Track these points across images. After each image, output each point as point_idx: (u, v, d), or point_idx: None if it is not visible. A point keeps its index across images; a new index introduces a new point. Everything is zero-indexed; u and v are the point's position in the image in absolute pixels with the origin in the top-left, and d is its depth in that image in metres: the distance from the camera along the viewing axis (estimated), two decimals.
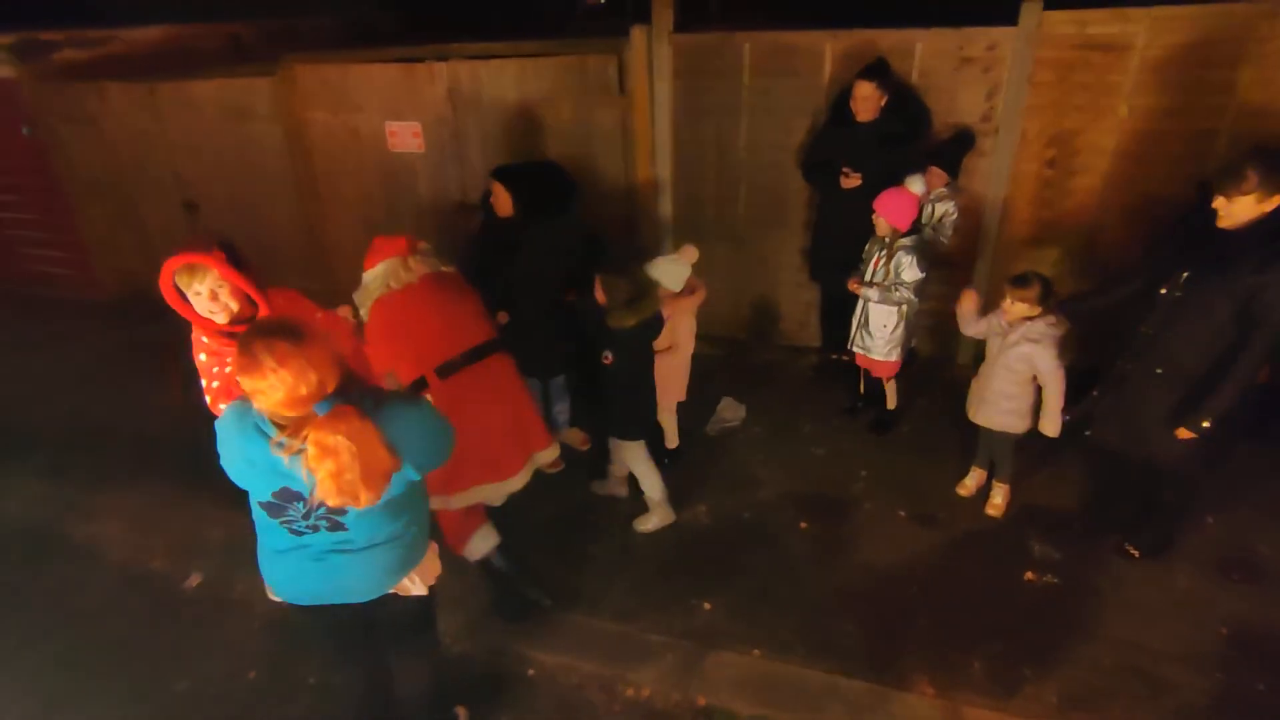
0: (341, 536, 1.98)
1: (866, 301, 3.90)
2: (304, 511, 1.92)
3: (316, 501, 1.82)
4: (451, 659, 3.00)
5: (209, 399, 2.45)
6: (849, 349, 4.12)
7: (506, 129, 4.88)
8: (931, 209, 4.13)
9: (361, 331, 2.97)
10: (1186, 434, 2.80)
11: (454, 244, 4.64)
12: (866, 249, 3.93)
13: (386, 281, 2.91)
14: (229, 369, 2.37)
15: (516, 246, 3.65)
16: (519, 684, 2.96)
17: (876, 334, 3.92)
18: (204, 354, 2.44)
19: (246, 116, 5.51)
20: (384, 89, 5.07)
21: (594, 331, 3.28)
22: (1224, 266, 2.61)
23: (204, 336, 2.41)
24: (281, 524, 1.96)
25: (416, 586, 2.23)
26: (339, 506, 1.83)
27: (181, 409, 3.85)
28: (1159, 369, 2.86)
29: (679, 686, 2.87)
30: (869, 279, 3.85)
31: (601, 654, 3.02)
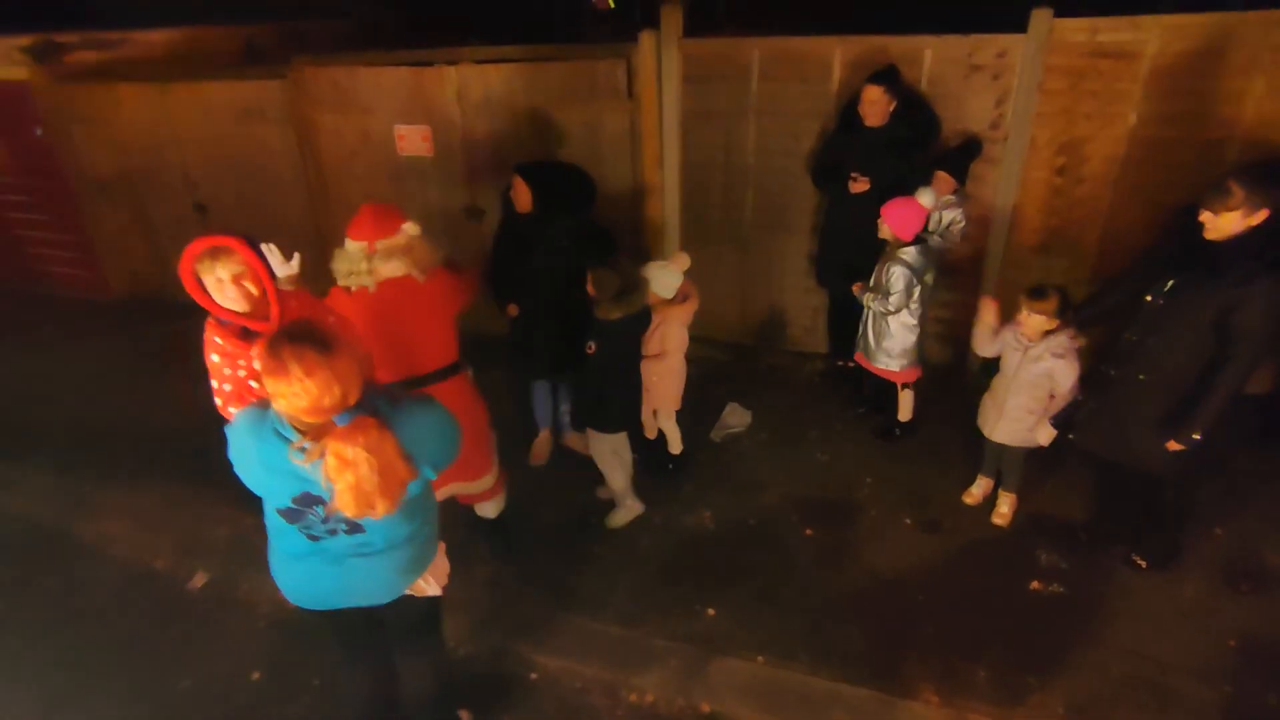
0: (361, 539, 1.99)
1: (869, 308, 3.91)
2: (324, 516, 1.92)
3: (334, 509, 1.83)
4: (455, 661, 2.99)
5: (219, 401, 2.41)
6: (854, 354, 4.12)
7: (515, 132, 4.89)
8: (939, 216, 4.13)
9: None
10: (1177, 446, 2.81)
11: (462, 247, 4.66)
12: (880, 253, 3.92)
13: (345, 276, 2.72)
14: (242, 372, 2.35)
15: (532, 243, 3.65)
16: (522, 687, 2.96)
17: (881, 342, 3.92)
18: (216, 354, 2.38)
19: (256, 118, 5.55)
20: (393, 92, 5.09)
21: (583, 322, 3.34)
22: (1208, 277, 2.64)
23: (217, 337, 2.35)
24: (300, 529, 1.96)
25: (431, 587, 2.24)
26: (356, 517, 1.83)
27: (189, 406, 3.84)
28: (1142, 375, 2.87)
29: (683, 692, 2.86)
30: (871, 285, 3.87)
31: (605, 658, 3.02)
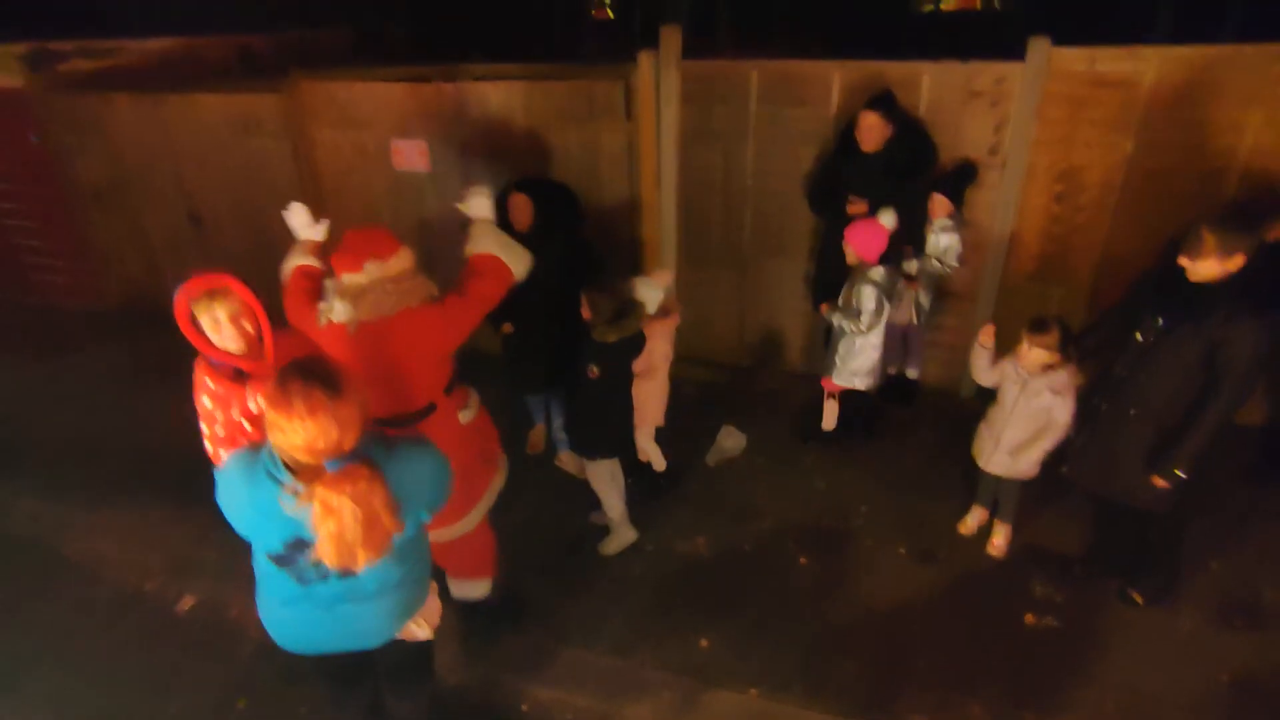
0: (352, 584, 1.96)
1: (838, 329, 3.97)
2: (314, 560, 1.89)
3: (315, 557, 1.81)
4: (445, 691, 2.96)
5: (209, 447, 2.37)
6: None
7: (513, 150, 4.88)
8: (936, 239, 4.14)
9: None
10: (1162, 482, 2.82)
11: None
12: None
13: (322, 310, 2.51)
14: (235, 413, 2.32)
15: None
16: (513, 719, 2.92)
17: (848, 362, 3.99)
18: (208, 398, 2.34)
19: (253, 131, 5.52)
20: (391, 107, 5.07)
21: (581, 349, 3.29)
22: (1194, 315, 2.67)
23: (209, 379, 2.32)
24: (290, 574, 1.93)
25: (423, 630, 2.22)
26: (336, 567, 1.81)
27: (182, 422, 3.81)
28: (1132, 410, 2.88)
29: None
30: (840, 305, 3.94)
31: (597, 689, 2.99)
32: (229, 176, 5.75)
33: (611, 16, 17.41)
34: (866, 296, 3.76)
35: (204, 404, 2.35)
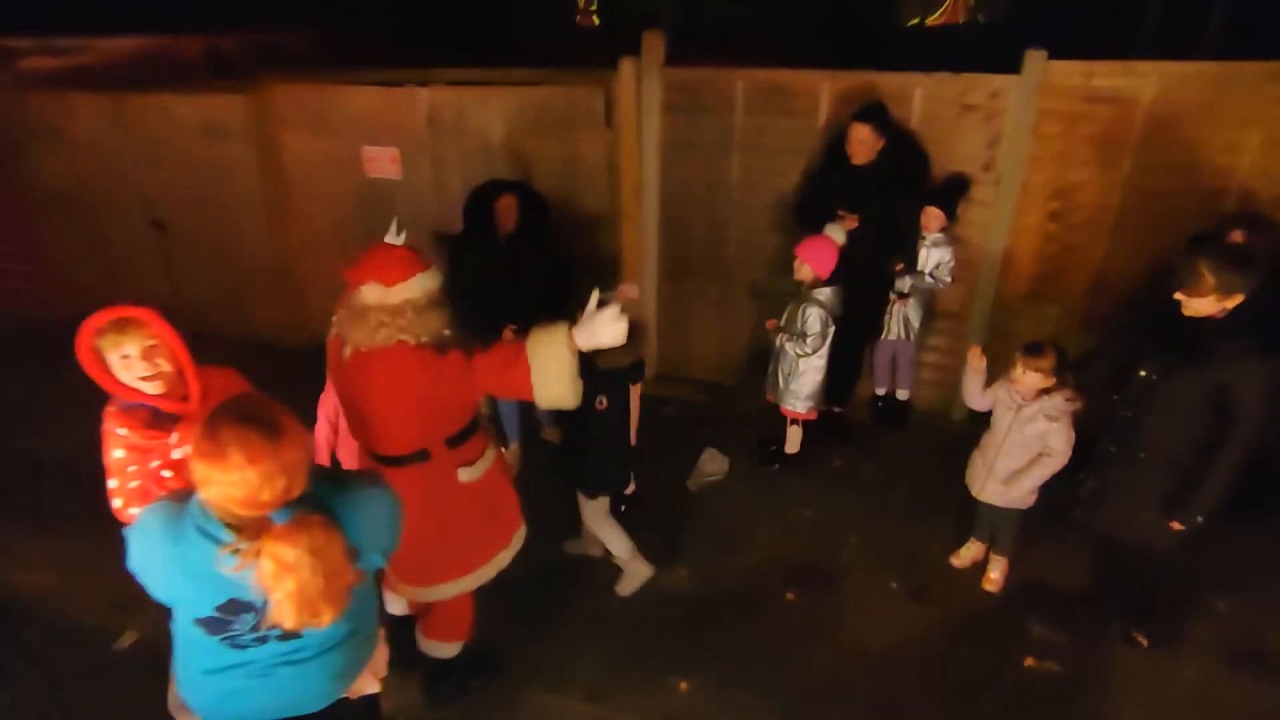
0: (293, 645, 1.74)
1: (779, 348, 3.86)
2: (254, 624, 1.66)
3: (271, 621, 1.59)
4: None
5: (118, 502, 2.08)
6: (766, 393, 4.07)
7: (488, 158, 4.68)
8: (927, 254, 4.00)
9: None
10: (1180, 527, 2.68)
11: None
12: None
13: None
14: (154, 463, 2.07)
15: (508, 266, 3.64)
16: None
17: (790, 383, 3.87)
18: (121, 449, 2.06)
19: (218, 135, 5.28)
20: (362, 112, 4.87)
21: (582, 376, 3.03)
22: (1194, 355, 2.54)
23: (120, 428, 2.04)
24: (222, 640, 1.70)
25: (370, 685, 2.00)
26: (298, 628, 1.59)
27: None
28: (1142, 453, 2.74)
29: None
30: (784, 325, 3.81)
31: None
32: (192, 182, 5.51)
33: (597, 23, 17.28)
34: (813, 319, 3.66)
35: (114, 456, 2.07)
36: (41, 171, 5.85)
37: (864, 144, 3.79)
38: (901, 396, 4.58)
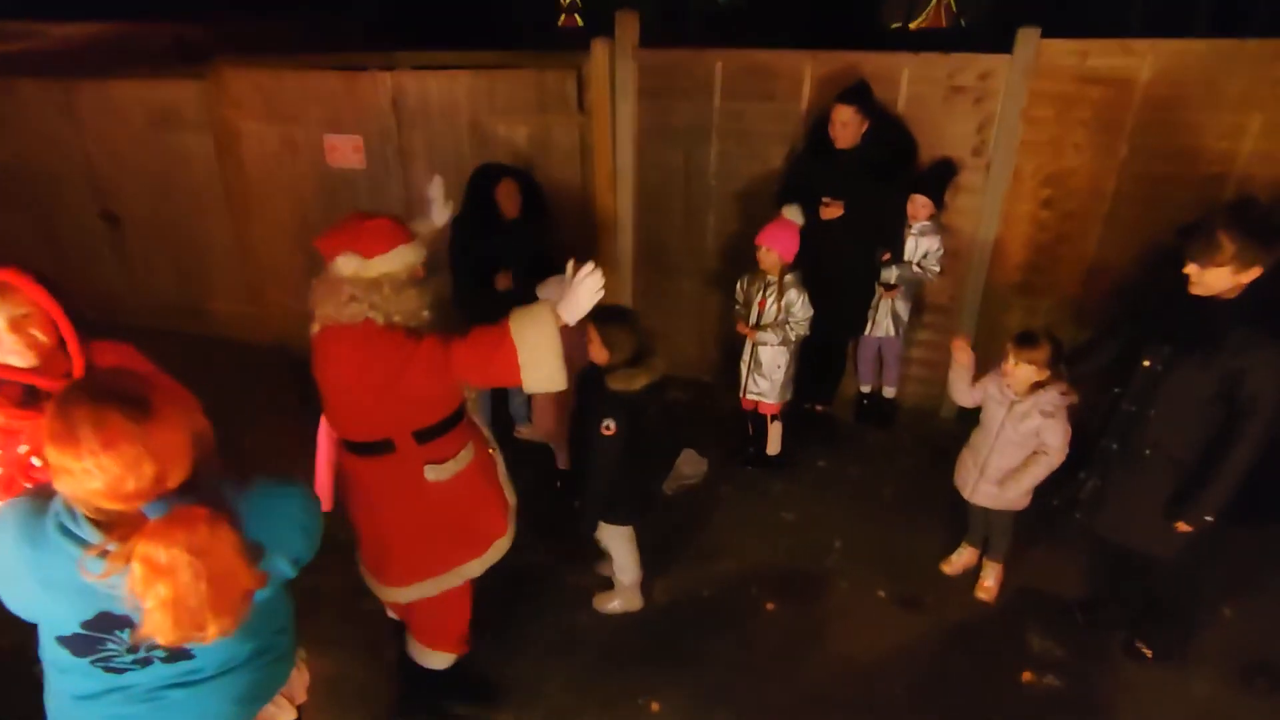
0: (185, 667, 1.48)
1: (757, 345, 3.67)
2: (129, 643, 1.42)
3: (143, 636, 1.34)
4: None
5: None
6: (743, 394, 3.87)
7: (455, 145, 4.45)
8: (915, 243, 3.82)
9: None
10: (1186, 528, 2.48)
11: None
12: (744, 290, 3.72)
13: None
14: (23, 448, 1.81)
15: (509, 251, 3.59)
16: None
17: (770, 376, 3.71)
18: None
19: (173, 123, 5.04)
20: (323, 98, 4.63)
21: (590, 396, 2.70)
22: (1204, 347, 2.33)
23: None
24: (93, 662, 1.44)
25: (285, 711, 1.75)
26: (175, 645, 1.35)
27: None
28: (1147, 451, 2.54)
29: None
30: (757, 322, 3.61)
31: None
32: (147, 173, 5.26)
33: (580, 24, 17.09)
34: (800, 302, 3.54)
35: None
36: None
37: (848, 127, 3.59)
38: (888, 394, 4.39)
